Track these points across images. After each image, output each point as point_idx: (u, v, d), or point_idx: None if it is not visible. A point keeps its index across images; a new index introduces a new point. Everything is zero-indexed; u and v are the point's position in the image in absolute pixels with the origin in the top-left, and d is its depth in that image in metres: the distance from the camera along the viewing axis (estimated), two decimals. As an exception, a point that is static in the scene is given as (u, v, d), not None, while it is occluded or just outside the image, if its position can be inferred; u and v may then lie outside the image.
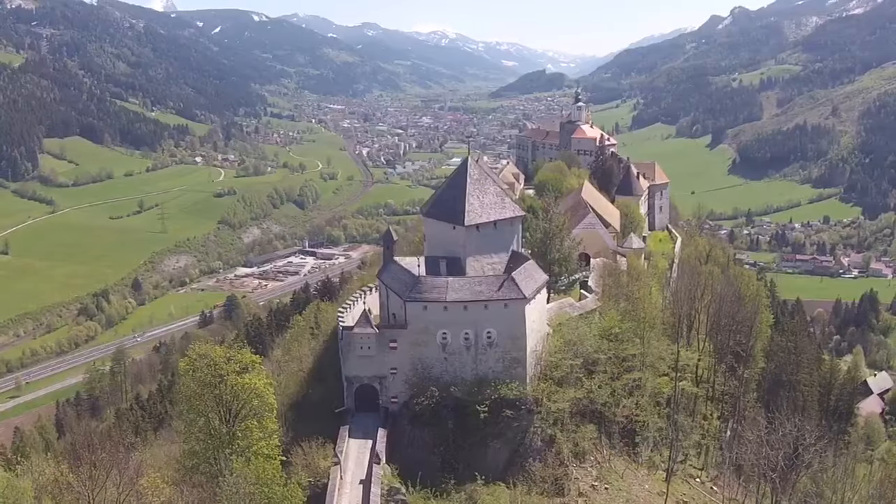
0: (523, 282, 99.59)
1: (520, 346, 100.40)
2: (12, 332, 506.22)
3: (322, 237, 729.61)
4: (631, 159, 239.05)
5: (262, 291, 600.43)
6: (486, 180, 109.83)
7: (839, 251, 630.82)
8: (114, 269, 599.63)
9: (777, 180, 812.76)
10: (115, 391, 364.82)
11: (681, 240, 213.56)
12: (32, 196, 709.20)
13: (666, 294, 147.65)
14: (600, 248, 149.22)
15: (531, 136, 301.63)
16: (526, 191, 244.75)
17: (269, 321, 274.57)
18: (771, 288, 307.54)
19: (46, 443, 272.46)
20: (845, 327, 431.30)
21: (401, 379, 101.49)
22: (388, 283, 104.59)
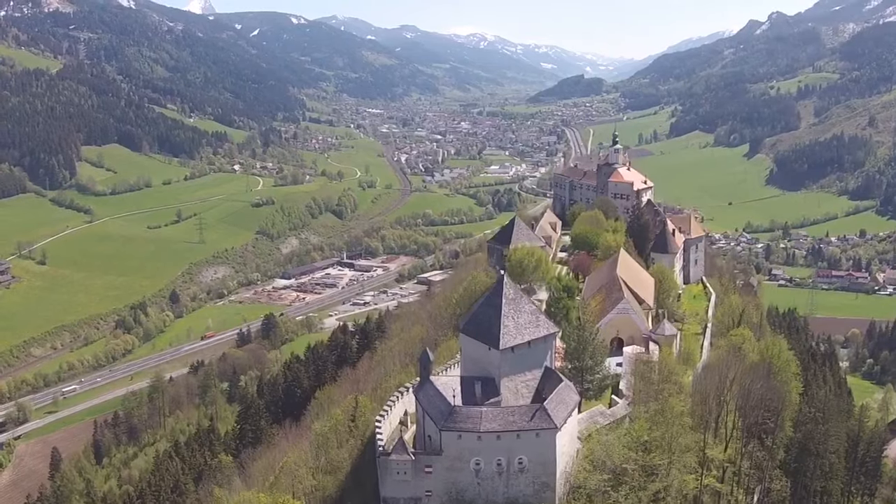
0: (555, 410, 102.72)
1: (550, 472, 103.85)
2: (49, 345, 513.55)
3: (360, 248, 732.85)
4: (667, 208, 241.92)
5: (300, 305, 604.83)
6: (521, 299, 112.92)
7: (875, 267, 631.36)
8: (151, 281, 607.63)
9: (814, 192, 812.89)
10: (153, 415, 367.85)
11: (714, 297, 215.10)
12: (70, 205, 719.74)
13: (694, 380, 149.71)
14: (633, 333, 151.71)
15: (569, 175, 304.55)
16: (563, 236, 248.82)
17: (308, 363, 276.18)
18: (805, 329, 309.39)
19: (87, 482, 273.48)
20: (879, 350, 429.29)
21: (435, 501, 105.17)
22: (424, 406, 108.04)
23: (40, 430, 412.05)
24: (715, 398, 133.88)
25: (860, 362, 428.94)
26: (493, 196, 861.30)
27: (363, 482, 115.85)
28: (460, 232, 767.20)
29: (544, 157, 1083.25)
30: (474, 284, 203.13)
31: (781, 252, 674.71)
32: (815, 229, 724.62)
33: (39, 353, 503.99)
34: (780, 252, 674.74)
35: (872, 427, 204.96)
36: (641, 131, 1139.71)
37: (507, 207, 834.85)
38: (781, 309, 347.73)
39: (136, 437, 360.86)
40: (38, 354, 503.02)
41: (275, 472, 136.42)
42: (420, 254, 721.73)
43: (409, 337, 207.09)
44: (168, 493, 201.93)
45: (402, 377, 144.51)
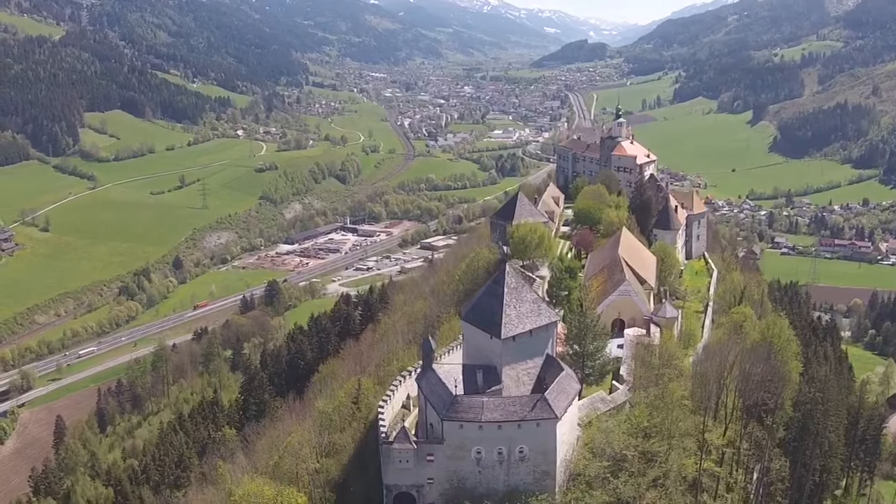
0: (556, 400, 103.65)
1: (550, 461, 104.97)
2: (53, 312, 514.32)
3: (363, 213, 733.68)
4: (670, 174, 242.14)
5: (303, 270, 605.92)
6: (522, 288, 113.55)
7: (878, 236, 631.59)
8: (155, 247, 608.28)
9: (817, 160, 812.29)
10: (156, 383, 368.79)
11: (716, 273, 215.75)
12: (73, 172, 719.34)
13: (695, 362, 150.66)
14: (635, 315, 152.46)
15: (572, 147, 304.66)
16: (566, 210, 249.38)
17: (311, 334, 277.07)
18: (807, 302, 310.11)
19: (91, 454, 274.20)
20: (881, 321, 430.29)
21: (437, 488, 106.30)
22: (426, 394, 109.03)
23: (44, 397, 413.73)
24: (715, 381, 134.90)
25: (862, 333, 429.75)
26: (496, 161, 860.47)
27: (366, 467, 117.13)
28: (463, 197, 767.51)
29: (548, 122, 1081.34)
30: (477, 261, 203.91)
31: (784, 220, 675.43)
32: (818, 197, 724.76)
33: (43, 321, 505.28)
34: (783, 220, 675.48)
35: (872, 403, 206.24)
36: (645, 97, 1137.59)
37: (510, 172, 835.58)
38: (784, 281, 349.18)
39: (139, 405, 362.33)
40: (42, 321, 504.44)
41: (279, 452, 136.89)
42: (423, 219, 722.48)
43: (412, 312, 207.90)
44: (172, 468, 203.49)
45: (405, 360, 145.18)
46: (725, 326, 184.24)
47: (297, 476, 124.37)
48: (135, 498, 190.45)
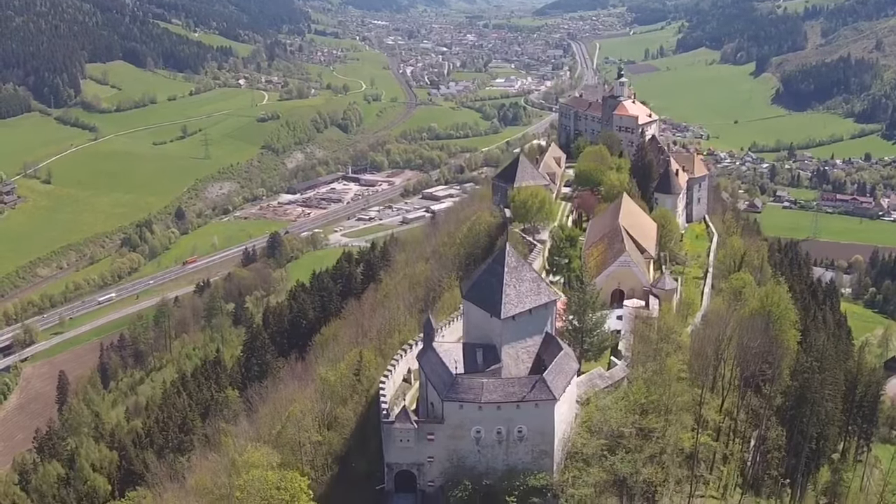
0: (554, 381, 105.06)
1: (548, 441, 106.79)
2: (55, 265, 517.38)
3: (365, 163, 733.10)
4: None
5: (305, 220, 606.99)
6: (522, 267, 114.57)
7: (879, 192, 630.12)
8: (157, 197, 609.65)
9: (820, 113, 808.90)
10: (159, 338, 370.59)
11: (716, 238, 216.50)
12: (75, 123, 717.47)
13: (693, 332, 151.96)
14: (634, 285, 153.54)
15: (574, 105, 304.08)
16: (567, 169, 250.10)
17: (313, 292, 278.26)
18: (807, 263, 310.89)
19: (95, 415, 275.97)
20: (881, 279, 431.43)
21: (437, 467, 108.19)
22: (426, 372, 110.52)
23: (46, 351, 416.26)
24: (713, 353, 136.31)
25: (863, 290, 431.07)
26: (498, 110, 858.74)
27: (367, 442, 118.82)
28: (465, 146, 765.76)
29: (550, 71, 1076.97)
30: (478, 224, 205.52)
31: (786, 173, 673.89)
32: (820, 151, 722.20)
33: (45, 274, 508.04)
34: (785, 173, 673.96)
35: (871, 369, 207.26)
36: (648, 46, 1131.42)
37: (512, 122, 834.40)
38: (784, 239, 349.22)
39: (142, 360, 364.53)
40: (44, 275, 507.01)
41: (281, 421, 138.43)
42: (425, 168, 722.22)
43: (414, 274, 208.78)
44: (176, 431, 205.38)
45: (406, 332, 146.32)
46: (725, 293, 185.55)
47: (300, 445, 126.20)
48: (139, 462, 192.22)
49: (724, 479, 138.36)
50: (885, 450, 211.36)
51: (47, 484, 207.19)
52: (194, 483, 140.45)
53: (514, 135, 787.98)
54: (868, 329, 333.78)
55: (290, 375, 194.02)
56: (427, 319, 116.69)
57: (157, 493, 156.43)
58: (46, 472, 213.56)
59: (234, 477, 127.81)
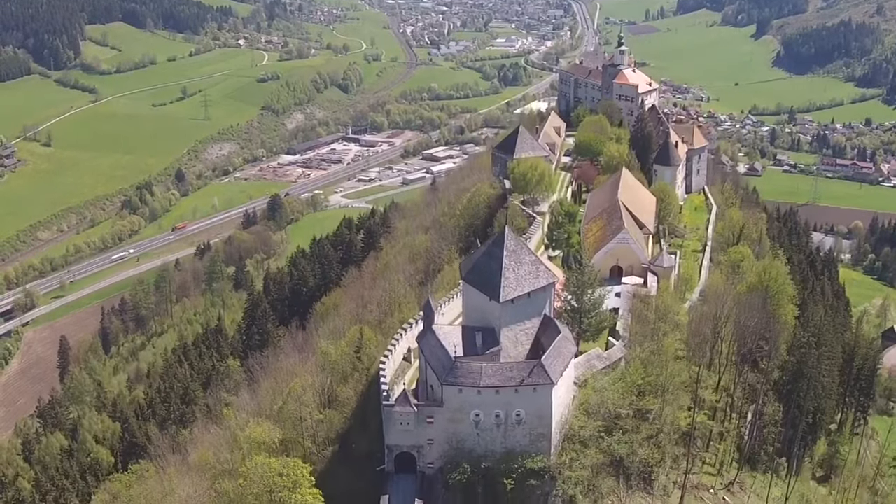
0: (552, 365, 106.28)
1: (546, 424, 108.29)
2: (56, 228, 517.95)
3: (365, 123, 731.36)
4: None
5: (305, 181, 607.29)
6: (521, 250, 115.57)
7: (879, 157, 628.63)
8: (157, 159, 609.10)
9: (820, 76, 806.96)
10: (160, 302, 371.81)
11: (715, 209, 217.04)
12: (75, 85, 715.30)
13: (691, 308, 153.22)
14: (633, 262, 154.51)
15: (574, 72, 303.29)
16: (567, 138, 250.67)
17: (313, 259, 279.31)
18: (806, 233, 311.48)
19: (97, 384, 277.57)
20: (881, 246, 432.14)
21: (437, 449, 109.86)
22: (426, 355, 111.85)
23: (47, 315, 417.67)
24: (710, 332, 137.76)
25: (862, 257, 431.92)
26: (498, 70, 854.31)
27: (368, 422, 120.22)
28: (465, 107, 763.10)
29: (550, 31, 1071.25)
30: (478, 196, 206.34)
31: (787, 137, 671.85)
32: (820, 115, 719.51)
33: (46, 237, 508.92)
34: (786, 137, 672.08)
35: (869, 342, 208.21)
36: (648, 7, 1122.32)
37: (512, 82, 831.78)
38: (783, 206, 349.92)
39: (143, 325, 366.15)
40: (45, 238, 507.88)
41: (283, 397, 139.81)
42: (425, 129, 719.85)
43: (414, 245, 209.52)
44: (178, 403, 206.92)
45: (406, 310, 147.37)
46: (723, 266, 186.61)
47: (301, 420, 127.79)
48: (141, 434, 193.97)
49: (720, 456, 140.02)
50: (882, 421, 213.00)
51: (50, 455, 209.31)
52: (197, 458, 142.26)
53: (515, 95, 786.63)
54: (867, 297, 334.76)
55: (290, 345, 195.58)
56: (427, 302, 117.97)
57: (159, 467, 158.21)
58: (49, 444, 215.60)
59: (236, 452, 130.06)
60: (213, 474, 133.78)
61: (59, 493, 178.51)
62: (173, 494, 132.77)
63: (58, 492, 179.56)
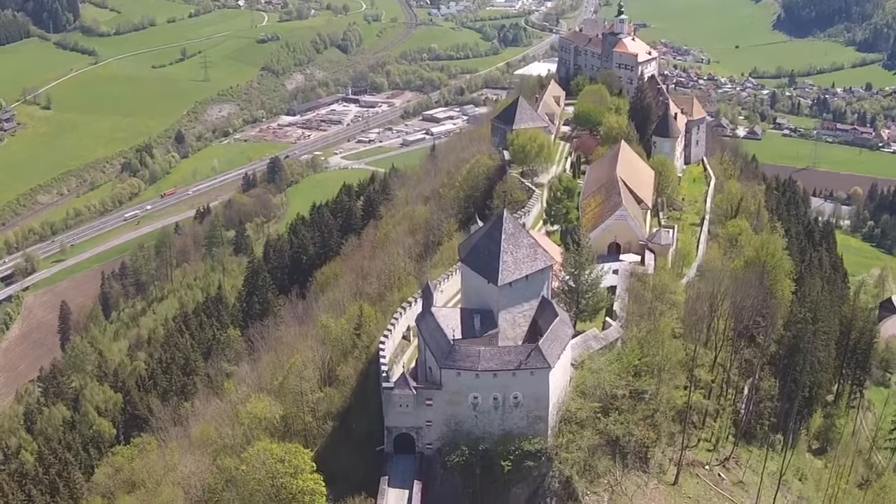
0: (549, 349, 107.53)
1: (543, 406, 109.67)
2: (55, 191, 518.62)
3: (365, 84, 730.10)
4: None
5: (305, 142, 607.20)
6: (520, 233, 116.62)
7: (879, 122, 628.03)
8: (157, 121, 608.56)
9: (821, 40, 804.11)
10: (160, 267, 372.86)
11: (714, 181, 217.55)
12: (74, 48, 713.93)
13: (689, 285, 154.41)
14: (631, 239, 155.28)
15: (573, 40, 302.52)
16: (567, 107, 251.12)
17: (313, 226, 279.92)
18: (805, 202, 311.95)
19: (99, 353, 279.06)
20: (880, 213, 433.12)
21: (435, 430, 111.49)
22: (425, 337, 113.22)
23: (48, 279, 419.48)
24: (707, 309, 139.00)
25: (861, 223, 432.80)
26: (498, 31, 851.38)
27: (368, 402, 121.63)
28: (465, 67, 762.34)
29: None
30: (477, 167, 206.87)
31: (787, 101, 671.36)
32: (821, 79, 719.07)
33: (46, 200, 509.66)
34: (786, 100, 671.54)
35: (865, 316, 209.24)
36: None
37: (512, 42, 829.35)
38: (783, 173, 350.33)
39: (143, 289, 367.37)
40: (45, 201, 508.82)
41: (283, 372, 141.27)
42: (425, 90, 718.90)
43: (413, 216, 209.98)
44: (179, 374, 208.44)
45: (405, 291, 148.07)
46: (721, 239, 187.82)
47: (301, 395, 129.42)
48: (143, 407, 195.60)
49: (716, 433, 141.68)
50: (879, 392, 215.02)
51: (53, 427, 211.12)
52: (199, 433, 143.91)
53: (515, 56, 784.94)
54: (865, 265, 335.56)
55: (291, 315, 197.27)
56: (426, 285, 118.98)
57: (161, 440, 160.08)
58: (52, 415, 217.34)
59: (238, 427, 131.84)
60: (214, 449, 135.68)
61: (62, 467, 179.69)
62: (175, 470, 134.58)
63: (61, 465, 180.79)
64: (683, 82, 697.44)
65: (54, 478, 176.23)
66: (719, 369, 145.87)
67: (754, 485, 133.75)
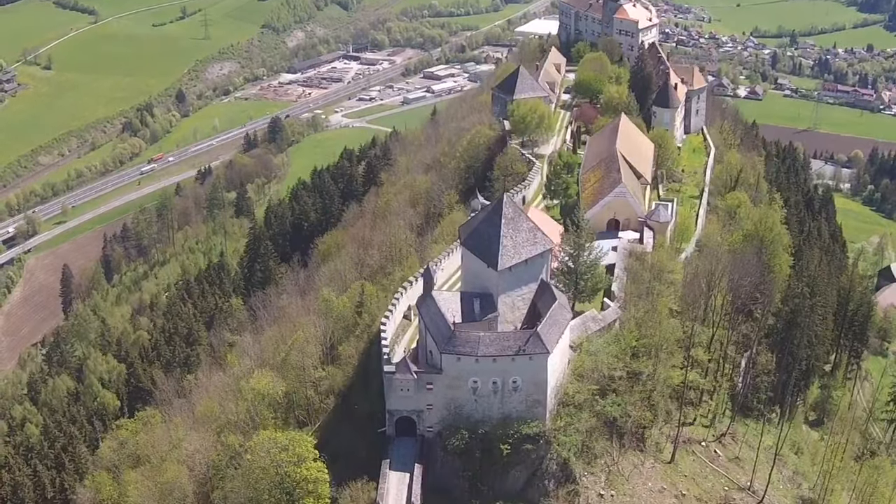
0: (547, 334, 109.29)
1: (541, 391, 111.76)
2: (56, 152, 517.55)
3: (366, 41, 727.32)
4: (671, 59, 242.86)
5: (306, 101, 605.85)
6: (519, 217, 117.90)
7: (881, 84, 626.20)
8: (157, 80, 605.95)
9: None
10: (162, 230, 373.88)
11: (714, 151, 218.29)
12: (74, 7, 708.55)
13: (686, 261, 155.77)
14: (630, 216, 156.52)
15: (574, 5, 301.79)
16: (568, 74, 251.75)
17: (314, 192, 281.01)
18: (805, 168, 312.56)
19: (102, 321, 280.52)
20: (880, 177, 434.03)
21: (436, 414, 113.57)
22: (426, 321, 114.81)
23: (49, 242, 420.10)
24: (705, 286, 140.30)
25: (861, 187, 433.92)
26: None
27: (369, 381, 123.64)
28: (466, 24, 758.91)
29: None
30: (478, 137, 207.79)
31: (788, 61, 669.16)
32: (822, 39, 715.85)
33: (47, 162, 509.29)
34: (787, 61, 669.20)
35: (863, 289, 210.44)
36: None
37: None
38: (784, 133, 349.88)
39: (145, 252, 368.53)
40: (46, 163, 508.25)
41: (285, 349, 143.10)
42: (426, 47, 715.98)
43: (414, 185, 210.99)
44: (182, 346, 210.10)
45: (405, 269, 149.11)
46: (720, 211, 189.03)
47: (304, 370, 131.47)
48: (147, 379, 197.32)
49: (713, 408, 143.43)
50: (877, 362, 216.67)
51: (57, 398, 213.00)
52: (203, 409, 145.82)
53: (516, 13, 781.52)
54: (865, 231, 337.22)
55: (293, 284, 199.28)
56: (427, 269, 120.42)
57: (165, 413, 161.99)
58: (56, 386, 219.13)
59: (241, 403, 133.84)
60: (218, 425, 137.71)
61: (67, 441, 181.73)
62: (180, 447, 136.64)
63: (66, 439, 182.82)
64: (684, 41, 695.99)
65: (59, 452, 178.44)
66: (717, 345, 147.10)
67: (750, 460, 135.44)
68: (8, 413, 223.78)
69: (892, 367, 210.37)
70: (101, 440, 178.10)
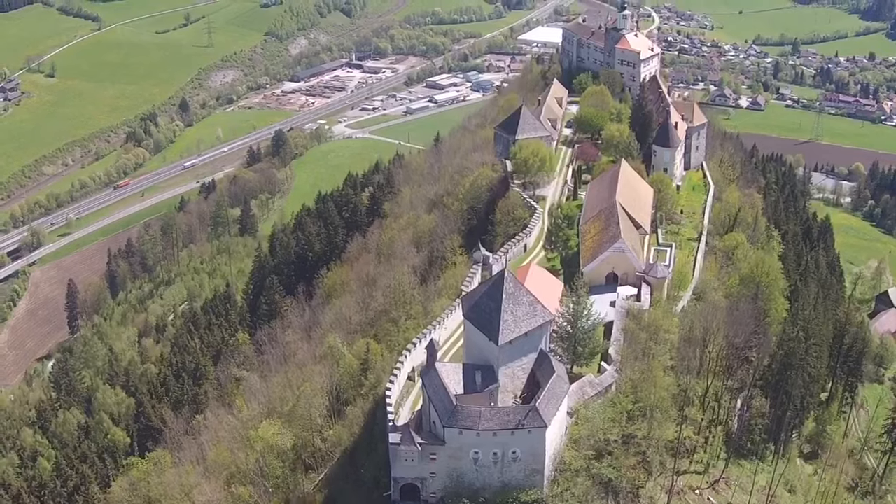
0: (546, 408, 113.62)
1: (540, 461, 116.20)
2: (60, 162, 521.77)
3: (369, 49, 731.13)
4: (672, 96, 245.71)
5: (309, 110, 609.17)
6: (519, 292, 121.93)
7: (882, 94, 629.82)
8: (161, 88, 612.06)
9: (825, 7, 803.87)
10: (166, 247, 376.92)
11: (713, 189, 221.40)
12: (78, 13, 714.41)
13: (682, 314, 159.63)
14: (628, 270, 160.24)
15: (576, 32, 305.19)
16: (570, 106, 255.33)
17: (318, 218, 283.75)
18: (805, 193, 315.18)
19: (109, 349, 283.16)
20: (881, 192, 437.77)
21: (439, 482, 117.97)
22: (430, 394, 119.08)
23: (54, 254, 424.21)
24: (700, 340, 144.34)
25: (862, 202, 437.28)
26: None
27: (375, 444, 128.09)
28: (469, 31, 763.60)
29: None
30: (480, 180, 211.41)
31: (790, 70, 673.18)
32: (824, 47, 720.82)
33: (51, 171, 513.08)
34: (789, 70, 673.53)
35: (858, 322, 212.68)
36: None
37: (516, 6, 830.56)
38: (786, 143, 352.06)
39: (150, 270, 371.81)
40: (50, 172, 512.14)
41: (293, 398, 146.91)
42: (429, 55, 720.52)
43: (417, 226, 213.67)
44: (190, 383, 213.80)
45: (409, 329, 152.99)
46: (718, 253, 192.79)
47: (311, 420, 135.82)
48: (156, 417, 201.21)
49: (706, 457, 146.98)
50: (873, 389, 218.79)
51: (68, 432, 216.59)
52: (214, 456, 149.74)
53: (518, 20, 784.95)
54: (865, 249, 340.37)
55: (298, 319, 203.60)
56: (430, 342, 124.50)
57: (175, 455, 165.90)
58: (66, 420, 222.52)
59: (250, 453, 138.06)
60: (228, 473, 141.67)
61: (80, 480, 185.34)
62: (192, 494, 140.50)
63: (79, 478, 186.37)
64: (687, 49, 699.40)
65: (72, 491, 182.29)
66: (712, 397, 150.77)
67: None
68: (19, 442, 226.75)
69: (887, 394, 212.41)
70: (113, 479, 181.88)
